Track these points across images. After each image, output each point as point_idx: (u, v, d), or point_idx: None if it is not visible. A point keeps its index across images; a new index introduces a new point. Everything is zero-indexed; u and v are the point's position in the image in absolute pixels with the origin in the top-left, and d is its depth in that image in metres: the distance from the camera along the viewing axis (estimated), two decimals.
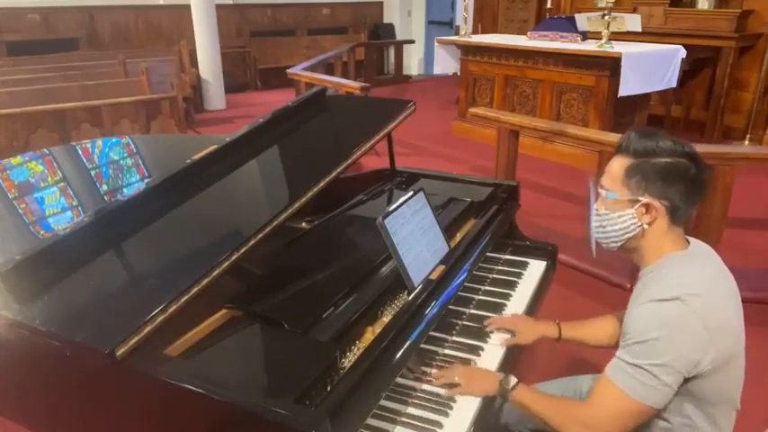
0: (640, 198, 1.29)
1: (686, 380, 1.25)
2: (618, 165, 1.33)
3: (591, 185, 1.45)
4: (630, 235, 1.34)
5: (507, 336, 1.72)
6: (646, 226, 1.31)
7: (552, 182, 4.96)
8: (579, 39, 5.61)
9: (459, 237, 1.98)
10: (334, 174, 1.77)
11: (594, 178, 1.45)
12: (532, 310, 1.95)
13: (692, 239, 1.38)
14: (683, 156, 1.27)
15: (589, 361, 2.48)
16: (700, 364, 1.23)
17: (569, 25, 5.71)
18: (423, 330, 1.48)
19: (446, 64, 6.90)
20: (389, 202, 2.12)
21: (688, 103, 6.46)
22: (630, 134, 1.33)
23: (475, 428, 1.39)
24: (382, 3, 11.29)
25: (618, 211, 1.33)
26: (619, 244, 1.37)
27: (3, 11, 7.75)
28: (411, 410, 1.42)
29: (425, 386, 1.50)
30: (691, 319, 1.21)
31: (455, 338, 1.72)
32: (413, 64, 11.31)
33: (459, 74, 6.78)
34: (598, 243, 1.42)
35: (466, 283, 1.79)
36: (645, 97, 5.55)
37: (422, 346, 1.52)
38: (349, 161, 1.86)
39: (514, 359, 1.68)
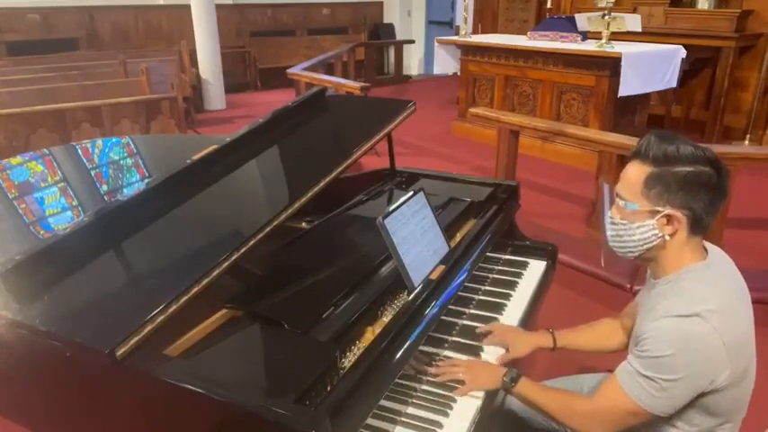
0: (661, 209, 1.24)
1: (700, 395, 1.24)
2: (636, 172, 1.27)
3: (605, 191, 1.42)
4: (650, 245, 1.29)
5: (502, 351, 1.67)
6: (668, 237, 1.26)
7: (552, 182, 4.96)
8: (579, 39, 5.61)
9: (459, 237, 1.98)
10: (334, 174, 1.77)
11: (607, 182, 1.42)
12: (532, 310, 1.94)
13: (709, 246, 1.35)
14: (705, 163, 1.21)
15: (590, 362, 2.48)
16: (715, 381, 1.21)
17: (569, 25, 5.71)
18: (423, 330, 1.48)
19: (446, 64, 6.90)
20: (389, 202, 2.12)
21: (688, 103, 6.46)
22: (650, 138, 1.26)
23: (476, 428, 1.39)
24: (382, 3, 11.29)
25: (637, 222, 1.28)
26: (637, 254, 1.33)
27: (3, 11, 7.75)
28: (411, 410, 1.42)
29: (425, 386, 1.50)
30: (710, 337, 1.19)
31: (455, 339, 1.72)
32: (413, 64, 11.30)
33: (459, 74, 6.78)
34: (612, 252, 1.39)
35: (466, 283, 1.79)
36: (645, 97, 5.55)
37: (422, 346, 1.51)
38: (349, 161, 1.86)
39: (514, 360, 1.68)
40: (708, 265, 1.30)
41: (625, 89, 5.00)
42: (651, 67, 5.19)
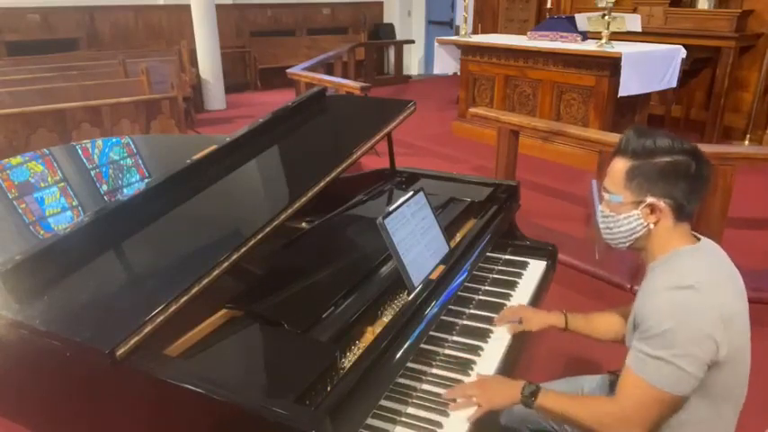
0: (644, 199, 1.30)
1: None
2: (618, 167, 1.34)
3: (594, 187, 1.45)
4: (638, 235, 1.35)
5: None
6: (652, 225, 1.33)
7: (552, 182, 4.96)
8: (579, 39, 5.60)
9: (459, 237, 1.98)
10: (334, 174, 1.77)
11: (598, 179, 1.46)
12: None
13: (701, 237, 1.39)
14: (682, 153, 1.28)
15: (589, 360, 2.48)
16: (719, 350, 1.22)
17: (569, 25, 5.70)
18: (423, 330, 1.48)
19: (446, 64, 6.90)
20: (389, 202, 2.12)
21: (688, 103, 6.46)
22: (628, 134, 1.34)
23: (476, 428, 1.39)
24: (382, 3, 11.29)
25: (623, 213, 1.34)
26: (627, 244, 1.39)
27: (3, 11, 7.75)
28: (411, 410, 1.42)
29: (425, 386, 1.50)
30: (705, 305, 1.22)
31: (455, 338, 1.72)
32: (413, 64, 11.30)
33: (459, 74, 6.77)
34: (604, 245, 1.43)
35: (466, 283, 1.79)
36: (645, 97, 5.54)
37: (422, 346, 1.51)
38: (349, 161, 1.86)
39: (514, 359, 1.68)
40: (697, 248, 1.34)
41: (625, 89, 5.00)
42: (651, 67, 5.19)
